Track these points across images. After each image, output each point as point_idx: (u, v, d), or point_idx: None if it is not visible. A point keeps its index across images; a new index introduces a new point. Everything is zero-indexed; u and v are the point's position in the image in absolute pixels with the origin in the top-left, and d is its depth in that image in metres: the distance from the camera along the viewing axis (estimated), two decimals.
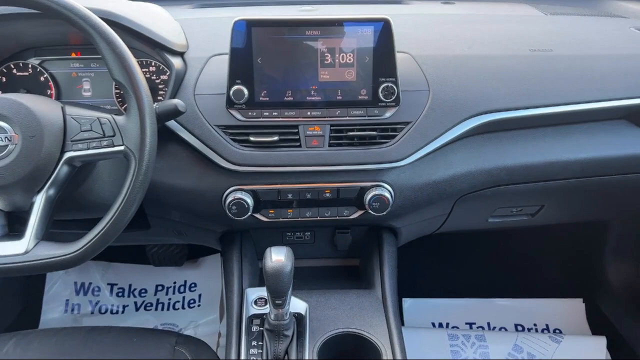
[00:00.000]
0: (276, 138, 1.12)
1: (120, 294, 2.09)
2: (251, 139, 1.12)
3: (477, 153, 1.21)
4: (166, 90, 1.16)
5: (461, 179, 1.21)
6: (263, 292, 1.17)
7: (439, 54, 1.24)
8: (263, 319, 1.11)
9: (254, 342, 1.10)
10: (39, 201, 0.96)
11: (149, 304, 2.08)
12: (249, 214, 1.14)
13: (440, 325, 2.00)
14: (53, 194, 0.98)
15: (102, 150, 0.96)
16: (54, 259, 0.94)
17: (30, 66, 1.21)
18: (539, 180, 1.27)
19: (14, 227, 1.00)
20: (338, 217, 1.20)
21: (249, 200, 1.13)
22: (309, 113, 1.13)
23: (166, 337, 1.18)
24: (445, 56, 1.23)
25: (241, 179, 1.14)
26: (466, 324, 2.01)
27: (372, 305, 1.21)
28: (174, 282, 2.13)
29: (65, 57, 1.22)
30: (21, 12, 1.04)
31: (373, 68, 1.12)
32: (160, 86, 1.20)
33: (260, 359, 1.08)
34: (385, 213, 1.16)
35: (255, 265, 1.34)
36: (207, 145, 1.11)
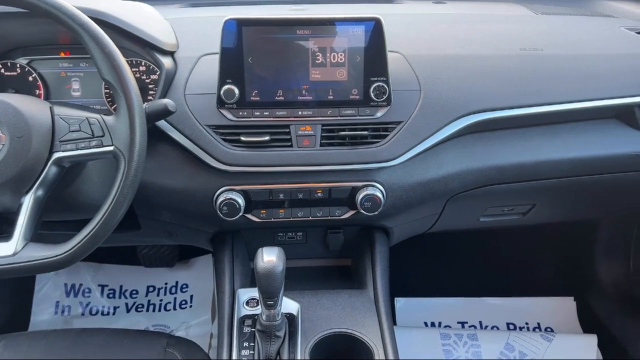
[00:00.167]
0: (267, 138, 1.12)
1: (111, 295, 2.07)
2: (242, 138, 1.11)
3: (468, 152, 1.21)
4: (156, 90, 1.15)
5: (452, 179, 1.21)
6: (255, 292, 1.17)
7: (430, 54, 1.24)
8: (255, 319, 1.11)
9: (245, 343, 1.09)
10: (28, 202, 0.95)
11: (140, 305, 2.07)
12: (240, 214, 1.14)
13: (432, 324, 2.00)
14: (42, 195, 0.97)
15: (91, 151, 0.95)
16: (42, 260, 0.93)
17: (18, 66, 1.20)
18: (530, 179, 1.27)
19: (1, 228, 1.00)
20: (330, 217, 1.20)
21: (240, 201, 1.13)
22: (300, 113, 1.13)
23: (157, 339, 1.18)
24: (437, 56, 1.23)
25: (232, 179, 1.13)
26: (458, 323, 2.01)
27: (364, 305, 1.21)
28: (165, 283, 2.12)
29: (54, 56, 1.21)
30: (8, 11, 1.02)
31: (364, 67, 1.11)
32: (150, 86, 1.19)
33: (252, 359, 1.08)
34: (377, 213, 1.16)
35: (246, 266, 1.33)
36: (198, 145, 1.10)
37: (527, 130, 1.25)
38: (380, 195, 1.14)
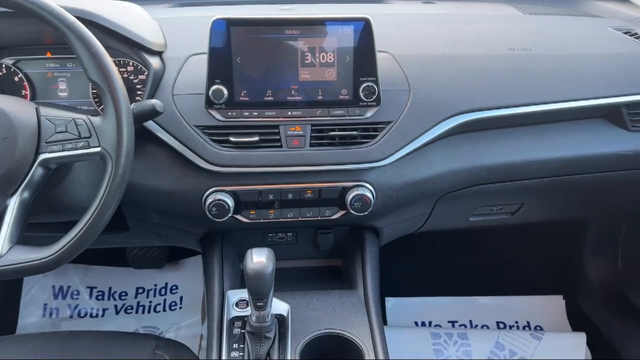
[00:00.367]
0: (256, 138, 1.11)
1: (100, 297, 2.06)
2: (231, 139, 1.10)
3: (457, 152, 1.21)
4: (144, 90, 1.14)
5: (442, 178, 1.21)
6: (244, 294, 1.16)
7: (419, 54, 1.24)
8: (244, 321, 1.10)
9: (235, 345, 1.09)
10: (13, 204, 0.94)
11: (129, 306, 2.05)
12: (230, 215, 1.13)
13: (423, 324, 2.01)
14: (27, 197, 0.96)
15: (78, 152, 0.94)
16: (28, 263, 0.92)
17: (4, 66, 1.18)
18: (518, 179, 1.27)
19: None
20: (320, 218, 1.20)
21: (230, 202, 1.12)
22: (289, 113, 1.12)
23: (146, 341, 1.17)
24: (426, 56, 1.24)
25: (221, 180, 1.12)
26: (449, 322, 2.02)
27: (354, 305, 1.21)
28: (155, 285, 2.10)
29: (41, 56, 1.20)
30: None
31: (354, 68, 1.11)
32: (138, 86, 1.18)
33: None
34: (366, 213, 1.16)
35: (236, 267, 1.33)
36: (186, 146, 1.10)
37: (515, 130, 1.25)
38: (370, 196, 1.14)
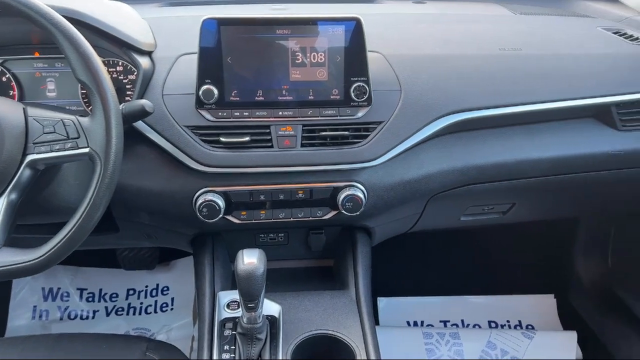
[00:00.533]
0: (247, 139, 1.10)
1: (90, 299, 2.04)
2: (222, 139, 1.10)
3: (448, 152, 1.21)
4: (134, 90, 1.13)
5: (433, 178, 1.21)
6: (235, 295, 1.15)
7: (410, 54, 1.24)
8: (236, 322, 1.09)
9: (226, 346, 1.08)
10: (0, 206, 0.92)
11: (120, 308, 2.04)
12: (221, 216, 1.12)
13: (415, 324, 2.01)
14: (15, 198, 0.94)
15: (66, 153, 0.93)
16: (16, 265, 0.91)
17: None
18: (509, 178, 1.28)
19: None
20: (311, 218, 1.19)
21: (221, 202, 1.11)
22: (280, 113, 1.12)
23: (136, 343, 1.16)
24: (417, 56, 1.24)
25: (212, 181, 1.12)
26: (440, 322, 2.02)
27: (346, 305, 1.20)
28: (146, 286, 2.09)
29: (29, 56, 1.18)
30: None
31: (344, 67, 1.11)
32: (127, 86, 1.17)
33: None
34: (358, 213, 1.16)
35: (227, 268, 1.32)
36: (177, 147, 1.09)
37: (506, 130, 1.26)
38: (361, 196, 1.14)
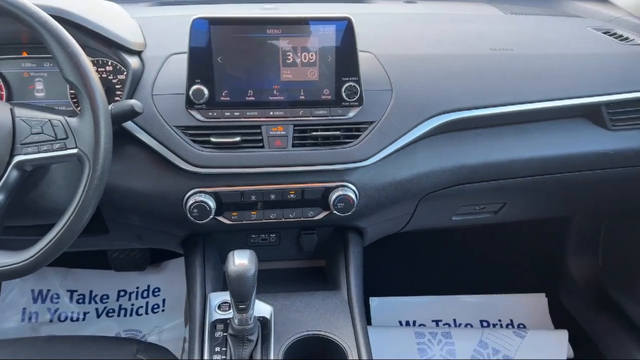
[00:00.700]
0: (238, 139, 1.10)
1: (81, 301, 2.02)
2: (212, 139, 1.09)
3: (439, 152, 1.21)
4: (123, 90, 1.12)
5: (424, 178, 1.21)
6: (227, 296, 1.15)
7: (401, 53, 1.24)
8: (227, 324, 1.09)
9: (217, 348, 1.07)
10: None
11: (111, 310, 2.02)
12: (211, 216, 1.12)
13: (407, 323, 2.01)
14: (2, 200, 0.93)
15: (54, 154, 0.92)
16: (4, 267, 0.90)
17: None
18: (501, 178, 1.28)
19: None
20: (303, 219, 1.19)
21: (211, 203, 1.11)
22: (271, 113, 1.11)
23: (127, 345, 1.16)
24: (408, 55, 1.24)
25: (202, 181, 1.11)
26: (432, 321, 2.02)
27: (337, 306, 1.20)
28: (137, 287, 2.08)
29: (16, 56, 1.17)
30: None
31: (336, 67, 1.11)
32: (117, 86, 1.16)
33: None
34: (350, 213, 1.15)
35: (218, 269, 1.31)
36: (166, 147, 1.08)
37: (497, 130, 1.26)
38: (353, 196, 1.14)
